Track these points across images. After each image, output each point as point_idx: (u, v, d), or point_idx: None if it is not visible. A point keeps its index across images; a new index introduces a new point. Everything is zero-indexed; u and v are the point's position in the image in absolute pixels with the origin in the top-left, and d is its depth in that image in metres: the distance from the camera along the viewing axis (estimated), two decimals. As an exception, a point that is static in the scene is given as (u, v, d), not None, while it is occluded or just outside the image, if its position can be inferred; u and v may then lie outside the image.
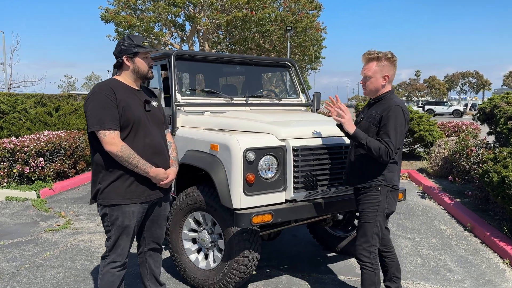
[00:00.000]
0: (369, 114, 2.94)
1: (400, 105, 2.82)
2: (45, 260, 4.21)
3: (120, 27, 19.90)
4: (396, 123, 2.77)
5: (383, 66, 2.89)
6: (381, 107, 2.88)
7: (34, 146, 6.86)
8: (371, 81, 2.91)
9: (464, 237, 5.07)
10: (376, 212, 2.89)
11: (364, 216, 2.94)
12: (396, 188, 2.94)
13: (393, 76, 2.94)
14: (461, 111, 44.29)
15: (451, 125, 10.61)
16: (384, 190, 2.89)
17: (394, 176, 2.91)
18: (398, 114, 2.79)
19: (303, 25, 22.79)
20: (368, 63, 2.93)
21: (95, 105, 2.54)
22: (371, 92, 2.96)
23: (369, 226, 2.91)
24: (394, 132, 2.76)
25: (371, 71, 2.90)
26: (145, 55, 2.70)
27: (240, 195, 3.08)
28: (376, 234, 2.92)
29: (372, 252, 2.91)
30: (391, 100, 2.87)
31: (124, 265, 2.75)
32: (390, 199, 2.93)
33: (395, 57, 2.92)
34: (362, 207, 2.95)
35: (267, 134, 3.33)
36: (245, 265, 3.28)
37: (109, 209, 2.64)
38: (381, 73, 2.89)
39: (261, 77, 5.34)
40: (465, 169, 6.36)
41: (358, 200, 3.01)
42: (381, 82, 2.90)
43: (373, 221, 2.90)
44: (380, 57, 2.89)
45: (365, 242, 2.92)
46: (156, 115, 2.82)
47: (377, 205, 2.89)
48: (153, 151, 2.71)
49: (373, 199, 2.90)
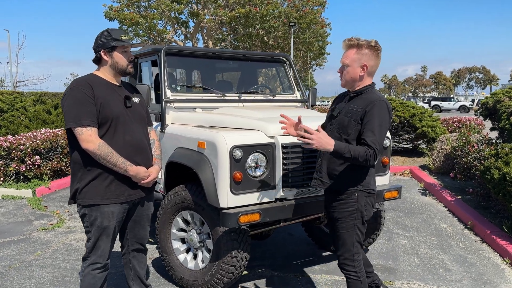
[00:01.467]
0: (348, 109, 2.65)
1: (384, 100, 2.54)
2: (34, 260, 4.15)
3: (124, 24, 19.86)
4: (381, 119, 2.50)
5: (363, 54, 2.57)
6: (362, 101, 2.58)
7: (30, 144, 6.81)
8: (348, 70, 2.61)
9: (464, 235, 4.95)
10: (355, 220, 2.64)
11: (341, 225, 2.65)
12: (373, 192, 2.69)
13: (374, 68, 2.61)
14: (468, 107, 43.84)
15: (454, 120, 10.45)
16: (361, 195, 2.61)
17: (371, 179, 2.65)
18: (383, 110, 2.51)
19: (307, 21, 22.61)
20: (347, 50, 2.62)
21: (71, 101, 2.45)
22: (347, 83, 2.64)
23: (347, 236, 2.66)
24: (379, 129, 2.48)
25: (348, 59, 2.59)
26: (123, 49, 2.61)
27: (227, 194, 2.99)
28: (357, 242, 2.68)
29: (355, 260, 2.69)
30: (373, 94, 2.58)
31: (105, 266, 2.67)
32: (368, 205, 2.66)
33: (379, 47, 2.60)
34: (338, 215, 2.65)
35: (255, 130, 3.23)
36: (234, 265, 3.19)
37: (88, 209, 2.55)
38: (359, 62, 2.57)
39: (256, 72, 5.24)
40: (467, 165, 6.23)
41: (332, 207, 2.69)
42: (359, 72, 2.58)
43: (352, 229, 2.65)
44: (361, 44, 2.57)
45: (346, 252, 2.68)
46: (137, 111, 2.72)
47: (355, 213, 2.61)
48: (134, 148, 2.62)
49: (350, 207, 2.61)
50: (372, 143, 2.46)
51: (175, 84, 4.28)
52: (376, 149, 2.46)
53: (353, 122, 2.57)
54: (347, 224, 2.64)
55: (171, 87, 4.06)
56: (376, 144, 2.46)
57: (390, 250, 4.46)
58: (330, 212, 2.75)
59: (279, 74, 5.01)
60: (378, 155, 2.48)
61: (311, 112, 4.04)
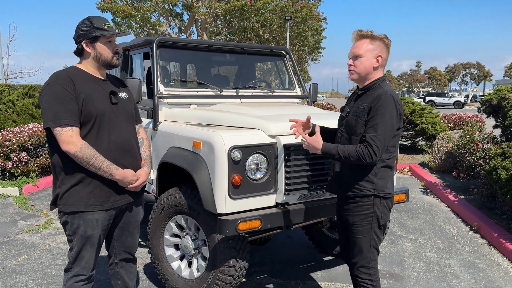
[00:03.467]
0: (356, 107, 2.46)
1: (391, 94, 2.36)
2: (18, 265, 3.89)
3: (116, 16, 19.44)
4: (385, 115, 2.31)
5: (377, 45, 2.44)
6: (369, 98, 2.40)
7: (16, 140, 6.52)
8: (361, 61, 2.43)
9: (470, 238, 4.75)
10: (371, 223, 2.46)
11: (357, 230, 2.48)
12: (389, 196, 2.51)
13: (385, 61, 2.48)
14: (462, 103, 43.86)
15: (454, 117, 10.25)
16: (377, 199, 2.44)
17: (386, 183, 2.46)
18: (389, 104, 2.33)
19: (303, 15, 22.32)
20: (359, 41, 2.46)
21: (50, 97, 2.18)
22: (360, 75, 2.46)
23: (364, 240, 2.48)
24: (383, 125, 2.30)
25: (362, 49, 2.43)
26: (107, 39, 2.34)
27: (225, 198, 2.75)
28: (374, 248, 2.50)
29: (371, 268, 2.51)
30: (380, 89, 2.40)
31: (90, 278, 2.42)
32: (385, 208, 2.48)
33: (390, 41, 2.48)
34: (353, 219, 2.48)
35: (255, 130, 2.99)
36: (232, 275, 2.95)
37: (70, 216, 2.30)
38: (373, 52, 2.43)
39: (254, 66, 5.00)
40: (470, 164, 6.03)
41: (347, 210, 2.52)
42: (374, 64, 2.43)
43: (368, 234, 2.47)
44: (374, 36, 2.45)
45: (362, 260, 2.50)
46: (124, 108, 2.46)
47: (371, 216, 2.44)
48: (120, 150, 2.36)
49: (366, 210, 2.44)
50: (371, 139, 2.31)
51: (169, 79, 4.02)
52: (375, 146, 2.29)
53: (360, 121, 2.40)
54: (363, 229, 2.48)
55: (164, 82, 3.80)
56: (375, 140, 2.30)
57: (395, 254, 4.25)
58: (343, 217, 2.57)
59: (278, 68, 4.77)
60: (378, 152, 2.30)
61: (312, 109, 3.81)
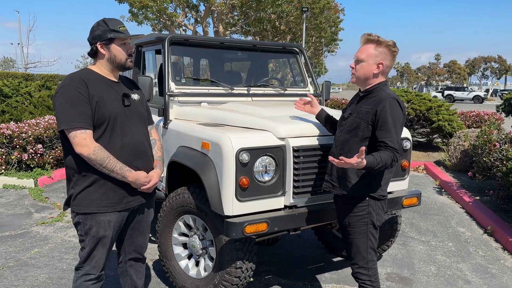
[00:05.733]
0: (358, 110, 2.54)
1: (394, 97, 2.44)
2: (31, 258, 3.96)
3: (133, 7, 19.51)
4: (394, 117, 2.40)
5: (381, 52, 2.47)
6: (372, 101, 2.48)
7: (32, 132, 6.61)
8: (362, 66, 2.50)
9: (483, 241, 4.67)
10: (367, 224, 2.54)
11: (353, 231, 2.57)
12: (383, 198, 2.58)
13: (388, 68, 2.53)
14: (482, 97, 42.98)
15: (472, 114, 10.04)
16: (372, 201, 2.52)
17: (382, 184, 2.53)
18: (395, 107, 2.41)
19: (320, 6, 22.12)
20: (365, 45, 2.51)
21: (64, 100, 2.20)
22: (359, 79, 2.55)
23: (361, 241, 2.56)
24: (394, 127, 2.39)
25: (364, 54, 2.49)
26: (122, 41, 2.34)
27: (232, 200, 2.74)
28: (370, 248, 2.57)
29: (370, 268, 2.58)
30: (383, 92, 2.47)
31: (99, 277, 2.45)
32: (380, 209, 2.56)
33: (397, 49, 2.51)
34: (349, 220, 2.57)
35: (264, 131, 2.96)
36: (238, 276, 2.95)
37: (83, 217, 2.32)
38: (375, 58, 2.48)
39: (267, 64, 4.95)
40: (487, 165, 5.90)
41: (343, 211, 2.62)
42: (373, 70, 2.49)
43: (365, 235, 2.54)
44: (380, 41, 2.48)
45: (361, 260, 2.58)
46: (137, 110, 2.47)
47: (366, 217, 2.53)
48: (133, 152, 2.37)
49: (361, 211, 2.53)
50: (392, 143, 2.38)
51: (180, 76, 4.00)
52: (396, 150, 2.39)
53: (363, 124, 2.48)
54: (359, 229, 2.56)
55: (175, 80, 3.79)
56: (395, 143, 2.39)
57: (405, 256, 4.20)
58: (340, 217, 2.66)
59: (291, 65, 4.71)
60: (398, 154, 2.41)
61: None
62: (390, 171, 2.57)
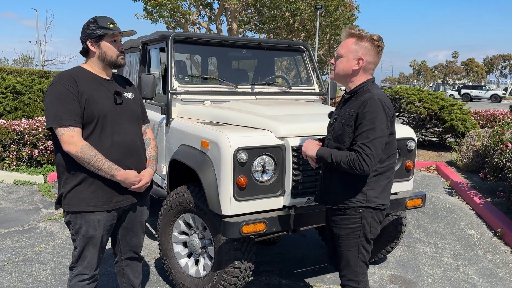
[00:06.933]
0: (343, 114, 2.30)
1: (379, 98, 2.20)
2: (35, 254, 4.01)
3: (148, 5, 19.63)
4: (374, 120, 2.16)
5: (362, 47, 2.26)
6: (356, 103, 2.26)
7: (43, 129, 6.69)
8: (341, 61, 2.31)
9: (492, 244, 4.56)
10: (359, 237, 2.34)
11: (343, 243, 2.36)
12: (382, 208, 2.36)
13: (371, 65, 2.30)
14: (500, 96, 42.08)
15: (486, 114, 9.84)
16: (366, 212, 2.30)
17: (378, 193, 2.31)
18: (377, 108, 2.17)
19: (335, 3, 21.92)
20: (346, 39, 2.32)
21: (53, 98, 2.19)
22: (338, 76, 2.35)
23: (351, 255, 2.37)
24: (373, 132, 2.15)
25: (344, 49, 2.30)
26: (112, 38, 2.33)
27: (230, 200, 2.71)
28: (362, 261, 2.39)
29: (360, 281, 2.40)
30: (367, 92, 2.24)
31: (93, 277, 2.44)
32: (375, 221, 2.34)
33: (382, 44, 2.29)
34: (340, 232, 2.37)
35: (264, 130, 2.93)
36: (236, 276, 2.93)
37: (73, 216, 2.32)
38: (355, 54, 2.26)
39: (273, 62, 4.91)
40: (499, 166, 5.77)
41: (334, 221, 2.40)
42: (352, 66, 2.28)
43: (356, 248, 2.35)
44: (362, 36, 2.27)
45: (351, 273, 2.40)
46: (130, 108, 2.45)
47: (358, 230, 2.32)
48: (124, 150, 2.36)
49: (353, 223, 2.32)
50: (359, 147, 2.16)
51: (183, 74, 4.00)
52: (365, 154, 2.14)
53: (347, 129, 2.25)
54: (350, 242, 2.36)
55: (178, 78, 3.78)
56: (364, 149, 2.15)
57: (411, 258, 4.13)
58: (331, 227, 2.47)
59: (297, 64, 4.67)
60: (370, 161, 2.14)
61: (327, 109, 3.70)
62: (387, 177, 2.34)
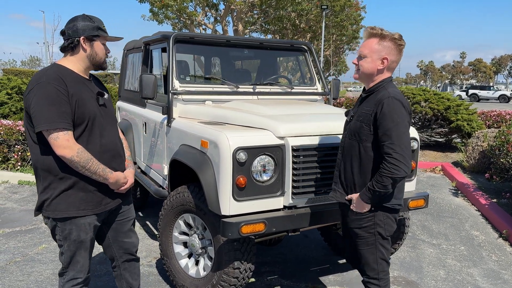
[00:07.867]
0: (360, 112, 2.35)
1: (394, 96, 2.23)
2: (37, 254, 4.01)
3: (154, 6, 19.69)
4: (394, 118, 2.19)
5: (385, 47, 2.30)
6: (373, 102, 2.29)
7: (47, 129, 6.71)
8: (365, 61, 2.33)
9: (497, 246, 4.51)
10: (375, 235, 2.37)
11: (361, 242, 2.42)
12: (398, 208, 2.39)
13: (394, 63, 2.34)
14: (508, 96, 41.65)
15: (493, 114, 9.74)
16: (379, 212, 2.35)
17: (394, 193, 2.33)
18: (395, 106, 2.20)
19: (341, 4, 21.87)
20: (368, 40, 2.35)
21: (42, 99, 2.07)
22: (363, 76, 2.38)
23: (370, 252, 2.41)
24: (397, 129, 2.18)
25: (367, 49, 2.32)
26: (105, 40, 2.31)
27: (229, 200, 2.70)
28: (381, 259, 2.42)
29: (381, 279, 2.43)
30: (384, 91, 2.28)
31: (86, 280, 2.39)
32: (389, 220, 2.38)
33: (403, 42, 2.33)
34: (356, 231, 2.42)
35: (264, 130, 2.91)
36: (236, 277, 2.91)
37: (61, 222, 2.25)
38: (379, 54, 2.30)
39: (275, 61, 4.89)
40: (505, 166, 5.70)
41: (347, 218, 2.46)
42: (378, 65, 2.31)
43: (373, 246, 2.39)
44: (384, 35, 2.30)
45: (371, 271, 2.44)
46: (110, 109, 2.42)
47: (373, 228, 2.36)
48: (110, 152, 2.32)
49: (367, 222, 2.36)
50: (388, 148, 2.18)
51: (185, 74, 3.99)
52: (396, 153, 2.16)
53: (365, 127, 2.29)
54: (367, 241, 2.41)
55: (179, 78, 3.77)
56: (392, 152, 2.16)
57: (414, 260, 4.09)
58: (347, 226, 2.51)
59: (299, 63, 4.64)
60: (404, 158, 2.16)
61: (328, 109, 3.68)
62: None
